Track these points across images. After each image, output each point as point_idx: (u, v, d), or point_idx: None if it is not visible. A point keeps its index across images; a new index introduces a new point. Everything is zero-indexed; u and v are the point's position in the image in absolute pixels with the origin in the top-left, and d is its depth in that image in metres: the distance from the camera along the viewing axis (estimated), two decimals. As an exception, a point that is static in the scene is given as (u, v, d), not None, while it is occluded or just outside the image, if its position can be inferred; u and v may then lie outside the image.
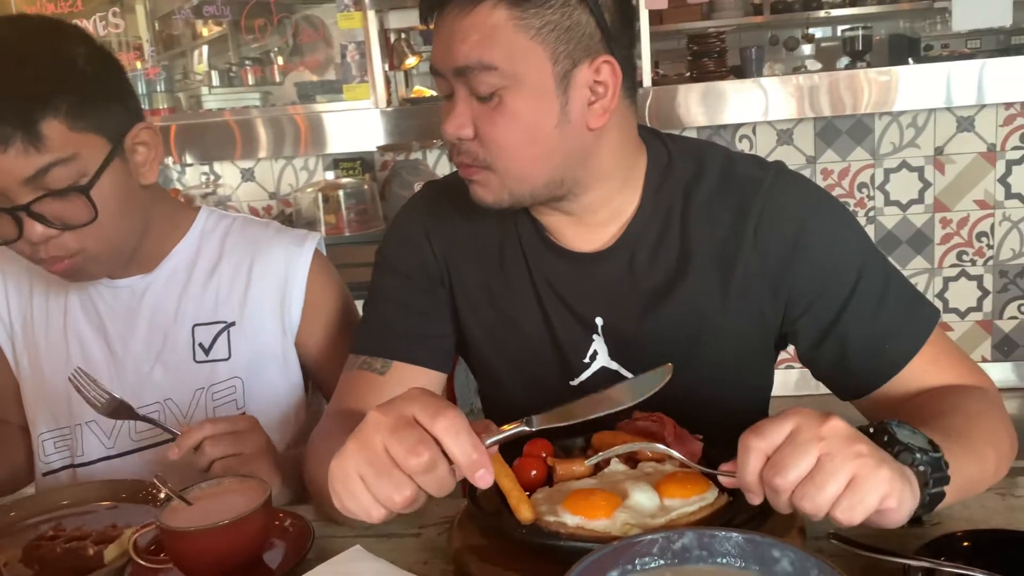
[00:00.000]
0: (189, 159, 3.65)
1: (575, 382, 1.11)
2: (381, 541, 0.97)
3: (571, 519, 0.84)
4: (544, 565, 0.75)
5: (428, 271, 1.13)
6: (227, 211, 1.33)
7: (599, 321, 1.09)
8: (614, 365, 1.10)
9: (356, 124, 3.52)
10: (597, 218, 1.07)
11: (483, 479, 0.71)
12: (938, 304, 3.56)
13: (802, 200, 1.04)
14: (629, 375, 1.10)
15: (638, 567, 0.75)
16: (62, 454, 1.25)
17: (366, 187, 3.32)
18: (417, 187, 3.52)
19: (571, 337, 1.10)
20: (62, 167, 1.03)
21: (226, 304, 1.24)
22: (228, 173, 3.71)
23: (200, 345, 1.24)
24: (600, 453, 0.91)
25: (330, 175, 3.52)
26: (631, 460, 0.96)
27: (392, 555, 0.92)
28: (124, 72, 1.14)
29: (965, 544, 0.81)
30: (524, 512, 0.85)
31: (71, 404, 1.22)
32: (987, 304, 3.54)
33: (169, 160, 3.62)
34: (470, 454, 0.71)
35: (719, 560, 0.74)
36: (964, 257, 3.50)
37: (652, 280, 1.07)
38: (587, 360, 1.10)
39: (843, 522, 0.72)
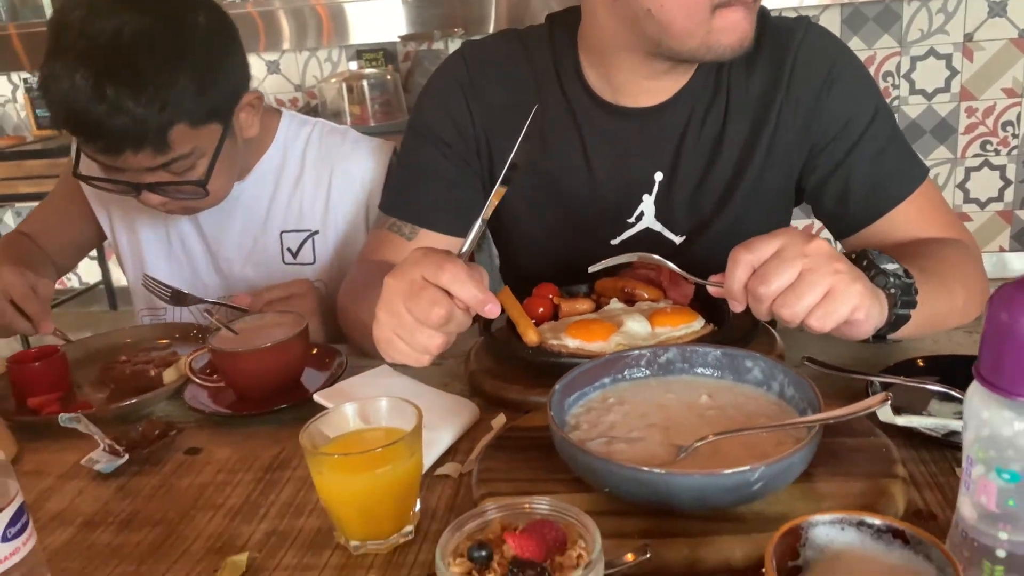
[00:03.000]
0: (215, 50, 3.69)
1: (616, 241, 1.15)
2: (406, 369, 1.08)
3: (572, 342, 0.94)
4: (547, 380, 0.85)
5: (466, 140, 1.14)
6: (306, 116, 1.37)
7: (658, 176, 1.12)
8: (658, 226, 1.14)
9: (378, 13, 3.52)
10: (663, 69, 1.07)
11: (492, 311, 0.78)
12: (959, 195, 3.57)
13: (831, 47, 1.09)
14: (672, 237, 1.14)
15: (627, 376, 0.85)
16: None
17: (389, 77, 3.35)
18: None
19: (620, 196, 1.13)
20: (183, 160, 1.12)
21: (310, 214, 1.32)
22: (254, 65, 3.72)
23: (288, 249, 1.33)
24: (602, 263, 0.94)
25: (353, 66, 3.55)
26: (630, 300, 1.06)
27: (418, 378, 1.04)
28: (237, 39, 1.16)
29: (922, 365, 0.91)
30: (531, 336, 0.96)
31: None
32: (1008, 194, 3.55)
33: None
34: (476, 295, 0.77)
35: (698, 371, 0.85)
36: (988, 147, 3.49)
37: (708, 135, 1.10)
38: (632, 220, 1.14)
39: (816, 328, 0.77)
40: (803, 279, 0.76)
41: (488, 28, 3.51)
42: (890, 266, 0.87)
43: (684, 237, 1.14)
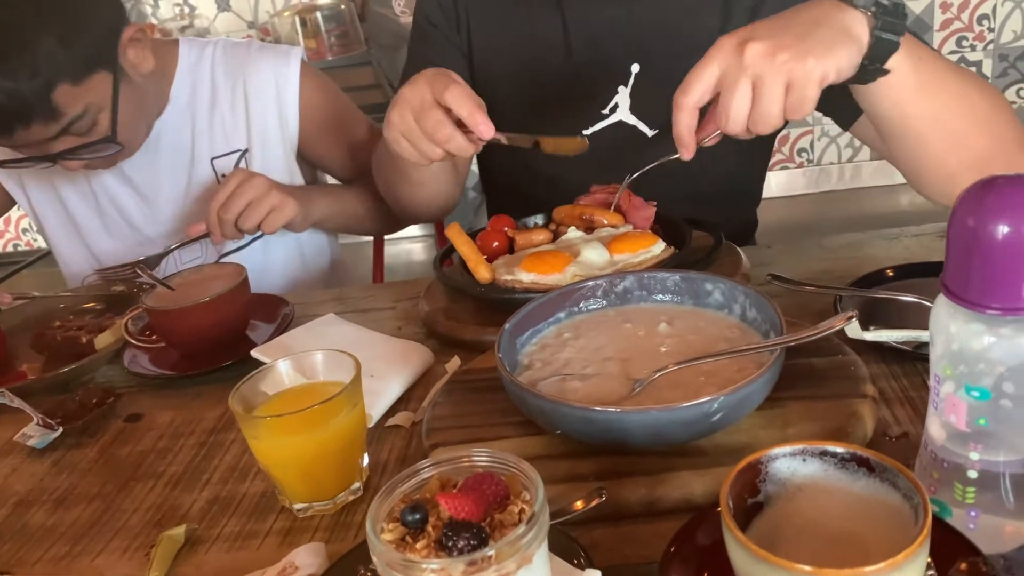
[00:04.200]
0: (161, -10, 3.53)
1: (588, 132, 1.14)
2: (359, 315, 1.04)
3: (526, 276, 0.89)
4: (503, 317, 0.80)
5: (447, 17, 1.17)
6: (204, 39, 1.31)
7: (635, 68, 1.10)
8: (632, 119, 1.13)
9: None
10: None
11: (485, 131, 0.87)
12: (935, 93, 3.49)
13: None
14: (645, 130, 1.13)
15: (583, 308, 0.80)
16: None
17: (343, 7, 3.21)
18: (395, 4, 3.36)
19: (596, 86, 1.12)
20: (81, 121, 1.05)
21: (234, 133, 1.26)
22: (203, 3, 3.58)
23: (223, 175, 1.27)
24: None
25: (306, -2, 3.40)
26: (589, 227, 1.01)
27: (370, 325, 0.99)
28: None
29: (892, 275, 0.87)
30: (482, 272, 0.91)
31: (114, 250, 1.29)
32: (986, 90, 3.48)
33: (141, -8, 3.49)
34: (472, 113, 0.87)
35: (657, 298, 0.80)
36: (964, 43, 3.40)
37: (689, 26, 1.05)
38: (606, 112, 1.13)
39: (800, 117, 0.75)
40: (758, 93, 0.73)
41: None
42: None
43: (657, 131, 1.13)
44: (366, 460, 0.71)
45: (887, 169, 3.70)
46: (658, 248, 0.92)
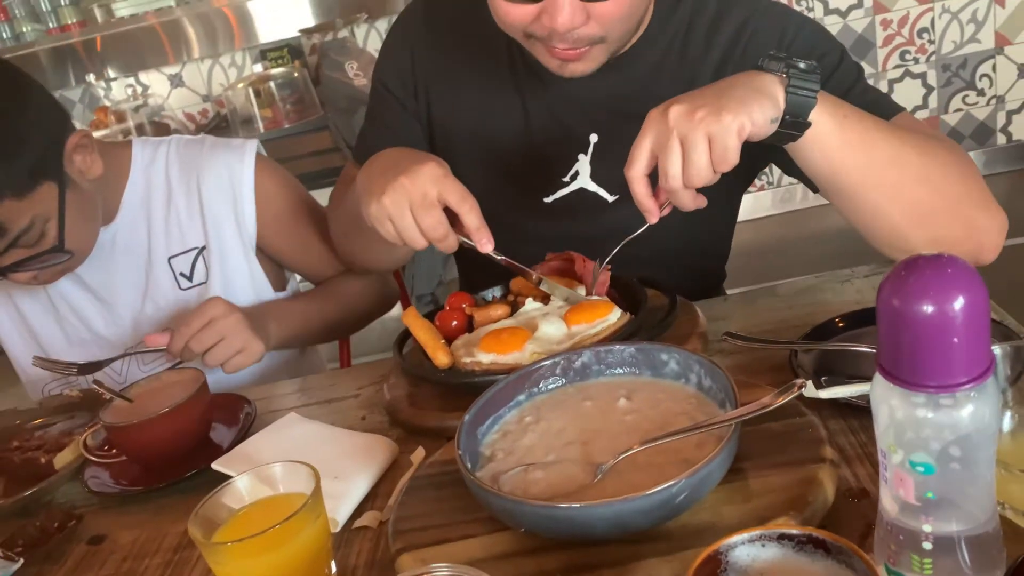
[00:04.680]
0: (112, 72, 3.54)
1: (549, 199, 1.16)
2: (323, 406, 1.03)
3: (485, 357, 0.89)
4: (465, 401, 0.80)
5: (406, 86, 1.19)
6: (158, 139, 1.31)
7: (593, 138, 1.12)
8: (593, 186, 1.15)
9: (277, 9, 3.39)
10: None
11: (488, 247, 0.92)
12: (884, 108, 3.57)
13: (792, 14, 1.06)
14: (606, 196, 1.14)
15: (542, 389, 0.81)
16: None
17: (296, 75, 3.23)
18: (348, 68, 3.38)
19: (556, 155, 1.14)
20: (28, 234, 1.04)
21: (191, 230, 1.25)
22: (156, 81, 3.59)
23: (181, 274, 1.26)
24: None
25: (259, 68, 3.42)
26: (546, 297, 1.01)
27: (334, 416, 0.98)
28: (28, 87, 1.07)
29: (841, 325, 0.88)
30: (441, 358, 0.91)
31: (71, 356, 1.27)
32: (932, 100, 3.55)
33: (91, 77, 3.50)
34: (480, 228, 0.91)
35: (616, 371, 0.80)
36: (907, 56, 3.48)
37: (648, 100, 1.07)
38: (567, 179, 1.15)
39: (727, 170, 0.80)
40: (686, 150, 0.80)
41: (396, 9, 3.40)
42: (794, 61, 0.83)
43: (617, 196, 1.14)
44: (334, 568, 0.70)
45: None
46: (614, 316, 0.92)
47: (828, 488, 0.64)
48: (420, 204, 0.89)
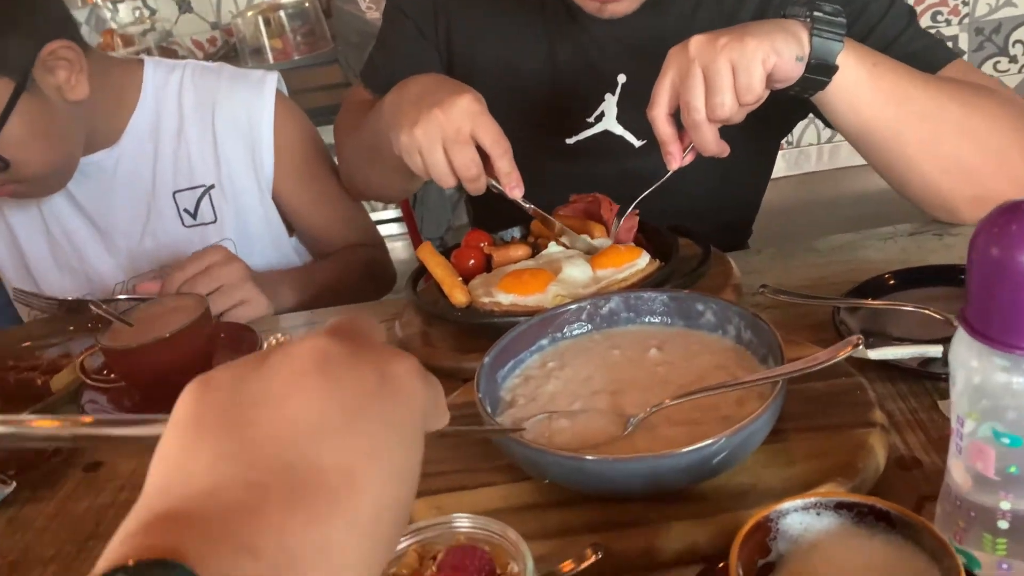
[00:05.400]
0: (119, -7, 3.42)
1: (572, 140, 1.11)
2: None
3: (505, 298, 0.84)
4: (483, 343, 0.75)
5: (424, 9, 1.13)
6: (173, 60, 1.22)
7: (621, 79, 1.07)
8: (619, 129, 1.09)
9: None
10: None
11: (518, 193, 0.88)
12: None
13: None
14: (632, 140, 1.09)
15: (567, 334, 0.75)
16: None
17: (308, 4, 3.13)
18: (362, 0, 3.28)
19: (581, 93, 1.08)
20: None
21: (201, 167, 1.18)
22: (164, 5, 3.48)
23: (186, 211, 1.19)
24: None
25: (270, -4, 3.31)
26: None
27: (342, 354, 0.93)
28: None
29: (892, 283, 0.82)
30: (458, 296, 0.86)
31: (61, 283, 1.22)
32: (962, 66, 3.45)
33: (98, -2, 3.39)
34: (511, 172, 0.86)
35: (645, 320, 0.75)
36: (939, 17, 3.37)
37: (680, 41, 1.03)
38: (591, 120, 1.09)
39: (751, 101, 0.78)
40: (707, 78, 0.77)
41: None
42: (819, 3, 0.81)
43: (644, 141, 1.09)
44: (341, 511, 0.66)
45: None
46: (643, 262, 0.87)
47: (879, 455, 0.60)
48: (453, 139, 0.84)
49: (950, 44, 3.48)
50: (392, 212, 3.85)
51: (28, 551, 0.72)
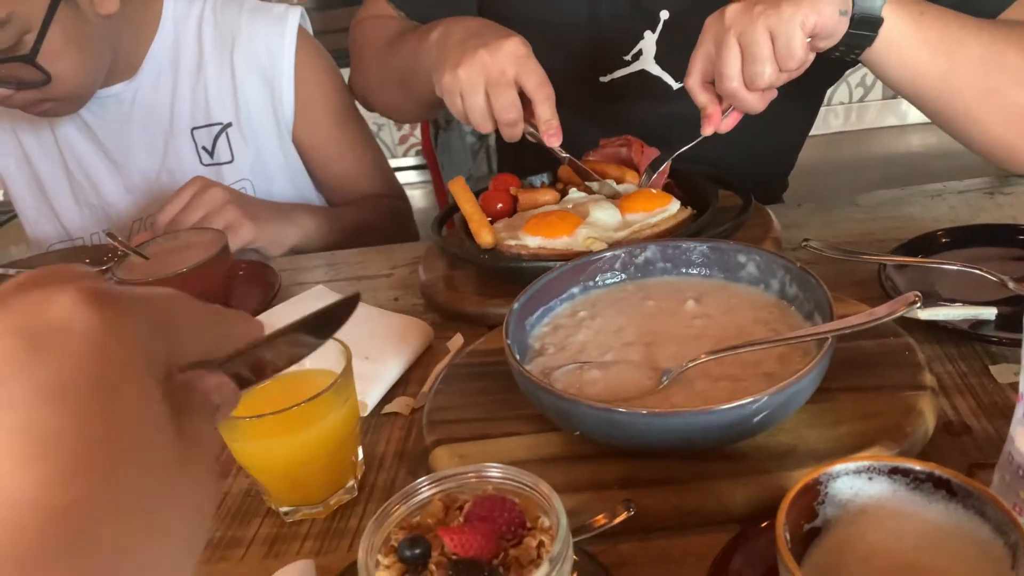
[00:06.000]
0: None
1: (606, 79, 1.07)
2: (353, 283, 0.96)
3: (532, 240, 0.80)
4: (509, 287, 0.73)
5: None
6: None
7: (663, 15, 1.02)
8: (656, 70, 1.05)
9: None
10: None
11: (556, 141, 0.85)
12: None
13: None
14: (671, 82, 1.04)
15: (599, 283, 0.72)
16: None
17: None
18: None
19: (619, 28, 1.04)
20: (2, 28, 0.91)
21: (218, 104, 1.14)
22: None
23: (204, 148, 1.15)
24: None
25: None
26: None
27: (364, 295, 0.89)
28: None
29: (944, 241, 0.78)
30: (485, 236, 0.82)
31: (81, 219, 1.19)
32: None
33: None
34: (551, 120, 0.84)
35: (683, 271, 0.72)
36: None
37: None
38: (628, 58, 1.05)
39: (794, 67, 0.74)
40: (745, 46, 0.74)
41: None
42: None
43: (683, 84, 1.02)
44: (360, 454, 0.64)
45: (894, 109, 3.57)
46: (674, 207, 0.83)
47: (929, 419, 0.57)
48: (496, 82, 0.83)
49: None
50: (412, 160, 3.81)
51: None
